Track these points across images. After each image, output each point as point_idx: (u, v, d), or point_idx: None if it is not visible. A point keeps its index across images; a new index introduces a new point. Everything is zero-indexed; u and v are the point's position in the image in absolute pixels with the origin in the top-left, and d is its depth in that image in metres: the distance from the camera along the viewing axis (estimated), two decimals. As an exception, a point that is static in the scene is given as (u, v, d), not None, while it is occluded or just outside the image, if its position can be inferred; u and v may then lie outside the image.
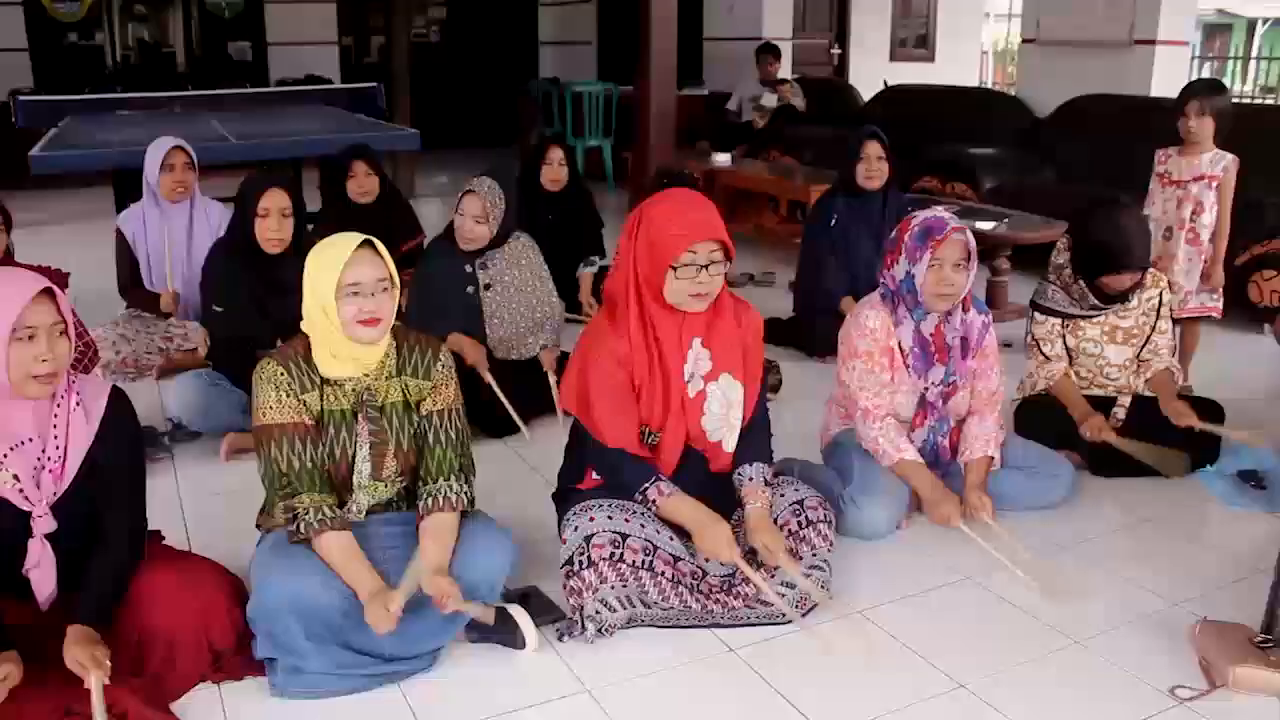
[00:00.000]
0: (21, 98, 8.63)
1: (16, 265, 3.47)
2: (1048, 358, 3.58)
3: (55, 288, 2.25)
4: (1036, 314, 3.61)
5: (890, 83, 9.30)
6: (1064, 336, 3.58)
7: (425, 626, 2.41)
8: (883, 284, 3.14)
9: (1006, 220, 5.56)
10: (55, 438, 2.30)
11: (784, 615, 2.61)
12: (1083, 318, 3.54)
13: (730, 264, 2.62)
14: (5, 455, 2.25)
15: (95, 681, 2.14)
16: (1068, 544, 3.08)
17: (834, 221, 4.77)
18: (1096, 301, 3.48)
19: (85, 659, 2.16)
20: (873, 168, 4.72)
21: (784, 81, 9.27)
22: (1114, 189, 5.59)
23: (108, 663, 2.17)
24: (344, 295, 2.39)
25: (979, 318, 3.18)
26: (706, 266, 2.55)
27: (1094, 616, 2.69)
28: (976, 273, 3.06)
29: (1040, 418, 3.58)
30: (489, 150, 11.62)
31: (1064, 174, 6.89)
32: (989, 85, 12.82)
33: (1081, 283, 3.47)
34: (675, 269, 2.54)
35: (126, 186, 6.74)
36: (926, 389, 3.11)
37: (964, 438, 3.20)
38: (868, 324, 3.09)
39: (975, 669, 2.47)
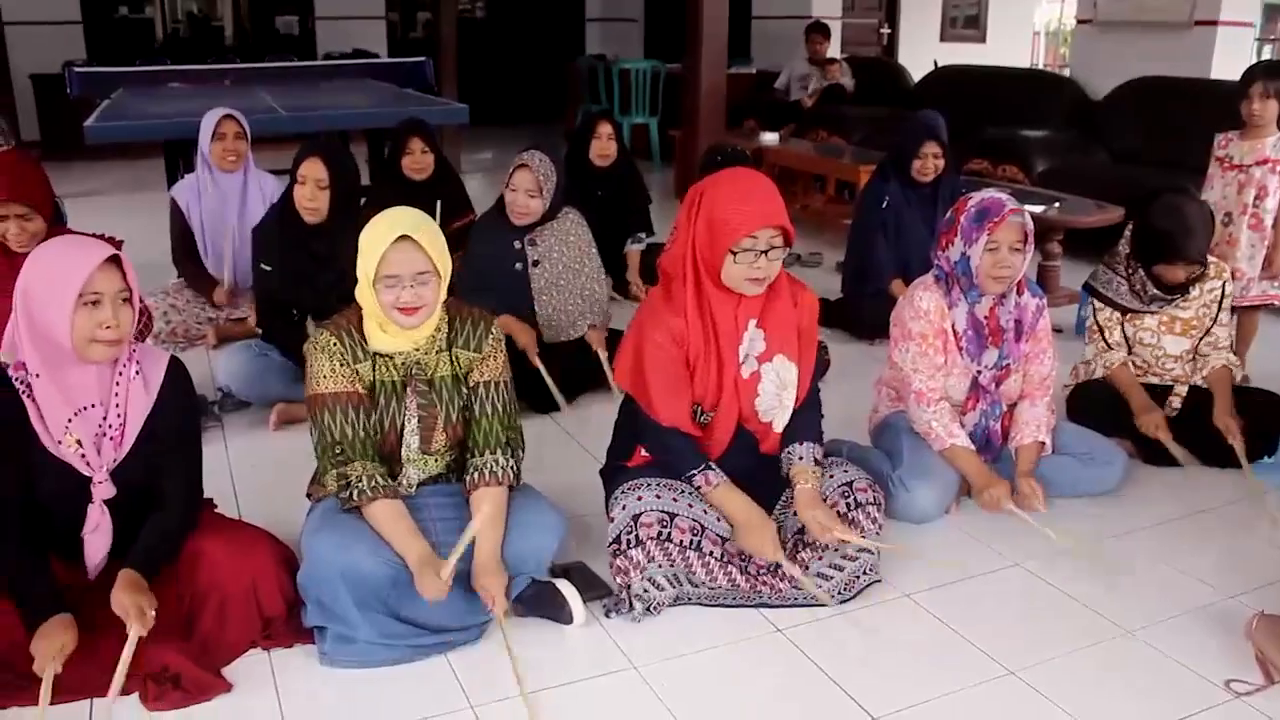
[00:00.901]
0: (75, 69, 8.71)
1: (73, 234, 3.49)
2: (1109, 345, 3.53)
3: (122, 256, 2.28)
4: (1095, 301, 3.55)
5: (940, 63, 9.18)
6: (1122, 325, 3.53)
7: (474, 599, 2.41)
8: (937, 265, 3.10)
9: (1059, 204, 5.48)
10: (116, 405, 2.33)
11: (832, 597, 2.60)
12: (1143, 312, 3.48)
13: (788, 248, 2.59)
14: (70, 420, 2.28)
15: (133, 633, 2.17)
16: (1118, 532, 3.03)
17: (886, 203, 4.71)
18: (1158, 293, 3.42)
19: (130, 607, 2.19)
20: (928, 165, 4.65)
21: (833, 61, 9.18)
22: (1170, 173, 5.51)
23: (151, 613, 2.20)
24: (382, 283, 2.39)
25: (1033, 301, 3.13)
26: (766, 252, 2.52)
27: (1145, 606, 2.65)
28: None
29: (1093, 404, 3.54)
30: (534, 127, 11.61)
31: (1119, 157, 6.78)
32: (1041, 67, 12.61)
33: (1142, 273, 3.41)
34: (734, 254, 2.51)
35: (177, 157, 6.82)
36: (979, 372, 3.08)
37: (1015, 422, 3.16)
38: (921, 305, 3.05)
39: (1024, 656, 2.44)
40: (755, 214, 2.50)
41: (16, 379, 2.28)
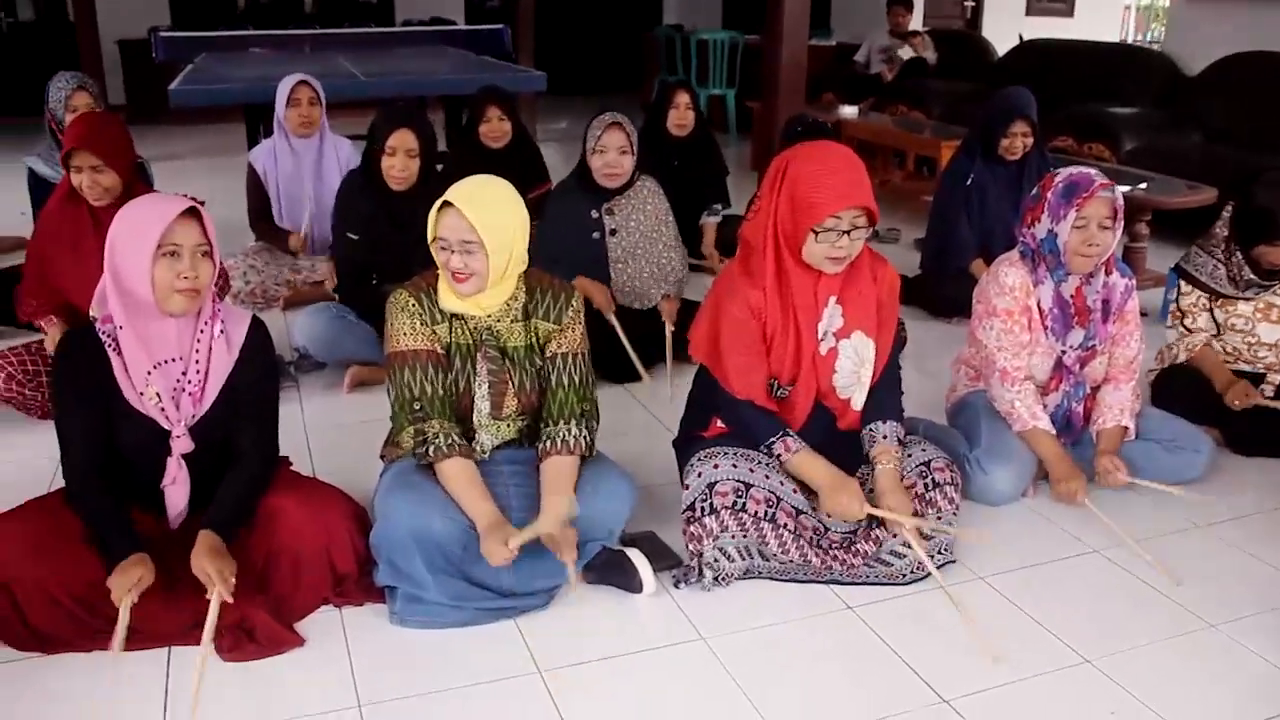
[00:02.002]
0: (161, 34, 8.85)
1: (157, 193, 3.55)
2: (1190, 330, 3.42)
3: (202, 210, 2.31)
4: (1183, 283, 3.45)
5: (1026, 37, 8.96)
6: (1211, 311, 3.41)
7: (543, 564, 2.41)
8: (1022, 242, 3.02)
9: (1147, 183, 5.32)
10: (197, 361, 2.37)
11: (905, 576, 2.57)
12: (1237, 298, 3.37)
13: (872, 228, 2.54)
14: (150, 372, 2.32)
15: (215, 599, 2.21)
16: (1201, 522, 2.94)
17: (970, 180, 4.61)
18: (1255, 278, 3.30)
19: (213, 573, 2.23)
20: (1016, 144, 4.52)
21: (915, 34, 9.02)
22: (1268, 154, 5.32)
23: (232, 580, 2.24)
24: (436, 245, 2.43)
25: (1122, 281, 3.04)
26: (848, 232, 2.47)
27: (1229, 600, 2.57)
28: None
29: (1179, 390, 3.43)
30: (609, 97, 11.54)
31: (1213, 136, 6.55)
32: (1131, 41, 12.27)
33: (1240, 257, 3.29)
34: (816, 233, 2.46)
35: (257, 121, 6.91)
36: (1064, 352, 3.00)
37: (1098, 405, 3.08)
38: (1007, 281, 2.98)
39: (1100, 644, 2.38)
40: (840, 193, 2.44)
41: (103, 332, 2.33)
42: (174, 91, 6.20)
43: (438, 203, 2.42)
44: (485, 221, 2.38)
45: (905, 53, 8.82)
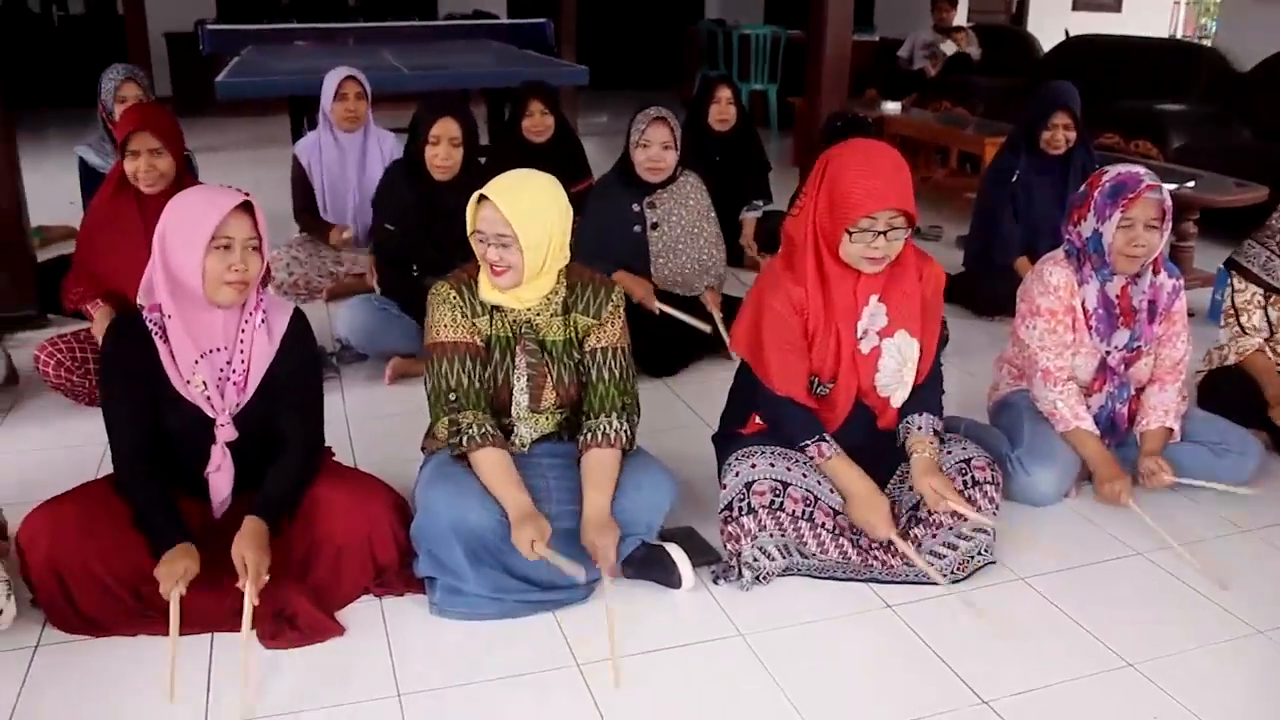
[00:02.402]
0: (207, 27, 8.95)
1: (204, 185, 3.60)
2: (1244, 329, 3.37)
3: (254, 205, 2.34)
4: (1236, 279, 3.39)
5: (1072, 32, 8.85)
6: (1266, 309, 3.36)
7: (583, 558, 2.41)
8: (1068, 241, 2.99)
9: (1195, 181, 5.25)
10: (241, 351, 2.40)
11: (944, 577, 2.55)
12: (1295, 293, 3.31)
13: (912, 230, 2.51)
14: (197, 361, 2.35)
15: (250, 590, 2.23)
16: (1248, 527, 2.90)
17: (1015, 177, 4.56)
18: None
19: (251, 561, 2.25)
20: (1058, 137, 4.47)
21: (959, 29, 8.95)
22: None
23: (266, 576, 2.27)
24: (474, 238, 2.44)
25: (1169, 281, 3.00)
26: (885, 233, 2.45)
27: (1277, 605, 2.53)
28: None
29: (1227, 392, 3.37)
30: (651, 92, 11.51)
31: (1264, 134, 6.43)
32: (1180, 36, 12.10)
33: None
34: (851, 233, 2.45)
35: (301, 114, 6.97)
36: (1108, 353, 2.96)
37: (1143, 406, 3.04)
38: (1051, 280, 2.95)
39: (1144, 649, 2.35)
40: (876, 194, 2.42)
41: (150, 320, 2.36)
42: (221, 84, 6.26)
43: (476, 195, 2.43)
44: (520, 216, 2.38)
45: (948, 48, 8.75)
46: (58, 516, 2.33)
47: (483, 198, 2.41)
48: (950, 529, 2.58)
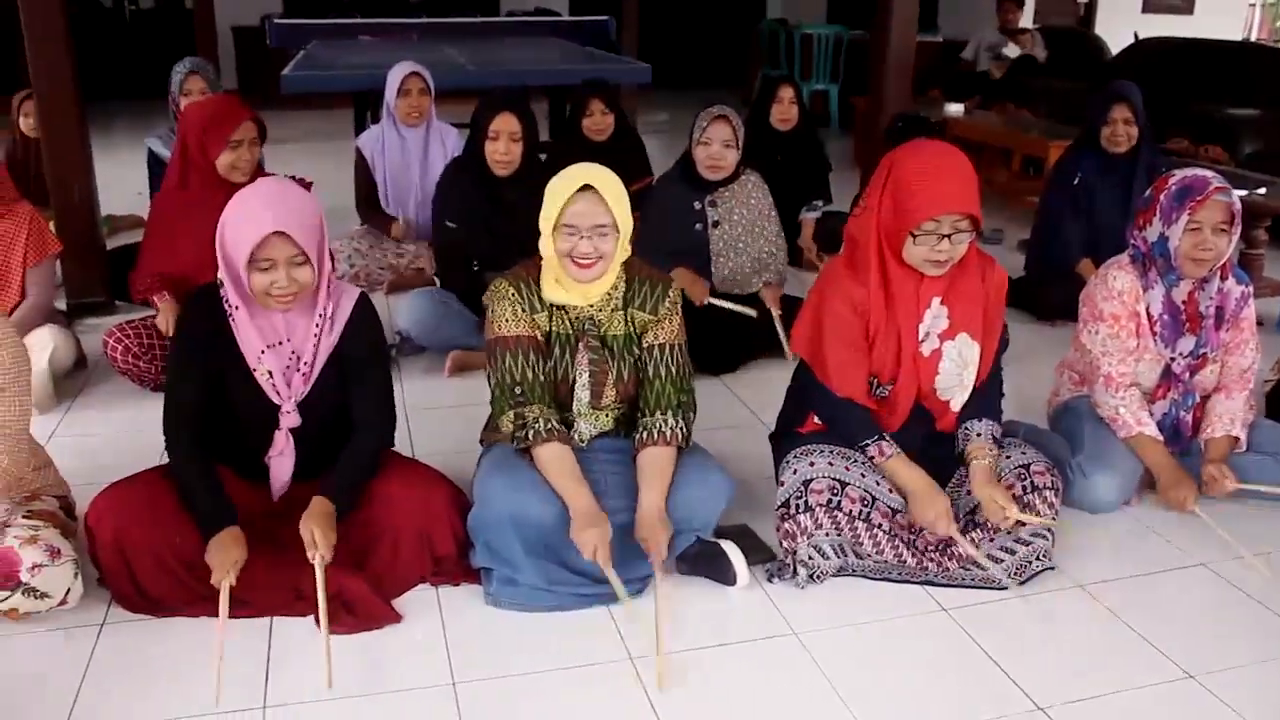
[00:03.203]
0: (275, 21, 9.08)
1: (272, 175, 3.65)
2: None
3: (288, 232, 2.29)
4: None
5: (1141, 35, 8.71)
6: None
7: (638, 553, 2.42)
8: (1133, 245, 2.95)
9: (1266, 188, 5.13)
10: (314, 339, 2.42)
11: (1000, 581, 2.52)
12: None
13: (976, 233, 2.49)
14: (263, 352, 2.39)
15: (319, 563, 2.27)
16: (1316, 540, 2.85)
17: (1078, 179, 4.50)
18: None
19: (319, 536, 2.28)
20: (1119, 132, 4.41)
21: (1025, 31, 8.85)
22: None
23: (330, 555, 2.30)
24: (560, 231, 2.42)
25: (1238, 287, 2.94)
26: (948, 236, 2.43)
27: (1347, 620, 2.49)
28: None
29: (1296, 402, 3.31)
30: (712, 91, 11.49)
31: (1337, 141, 6.30)
32: (1255, 40, 11.84)
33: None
34: (915, 235, 2.43)
35: (365, 109, 7.03)
36: (1173, 359, 2.92)
37: (1208, 414, 2.98)
38: (1115, 285, 2.91)
39: (1206, 660, 2.31)
40: (940, 198, 2.40)
41: (225, 299, 2.39)
42: (286, 78, 6.34)
43: (562, 189, 2.42)
44: (618, 204, 2.41)
45: (1013, 50, 8.64)
46: (124, 499, 2.39)
47: (580, 190, 2.39)
48: (1008, 533, 2.56)
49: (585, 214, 2.39)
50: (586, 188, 2.40)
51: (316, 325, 2.41)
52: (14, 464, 2.37)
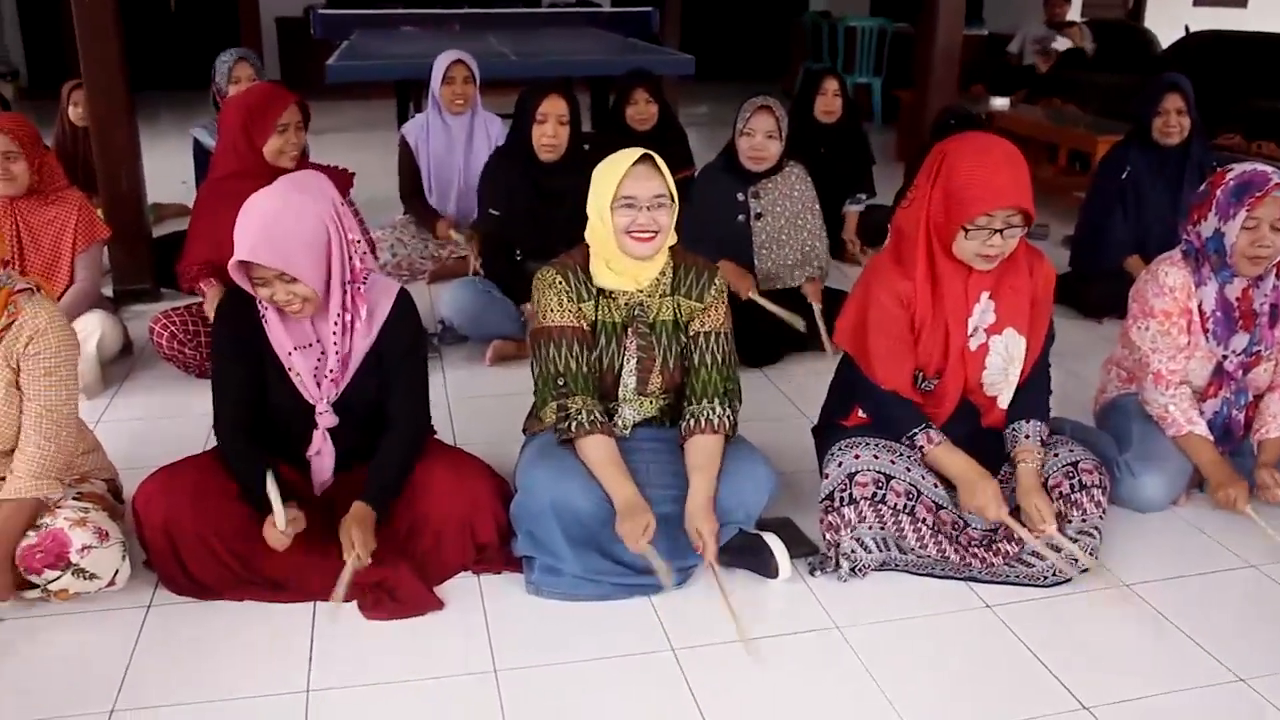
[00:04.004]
0: (319, 11, 9.13)
1: (311, 165, 3.67)
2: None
3: (255, 261, 2.26)
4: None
5: (1193, 29, 8.57)
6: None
7: (684, 544, 2.42)
8: (1186, 240, 2.90)
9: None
10: (336, 348, 2.42)
11: (1047, 578, 2.50)
12: None
13: (1028, 227, 2.45)
14: (290, 354, 2.40)
15: (350, 564, 2.29)
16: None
17: (1126, 174, 4.43)
18: None
19: (358, 541, 2.30)
20: (1171, 123, 4.33)
21: (1072, 24, 8.74)
22: None
23: (369, 559, 2.31)
24: (618, 206, 2.41)
25: (1294, 285, 2.89)
26: (1001, 230, 2.40)
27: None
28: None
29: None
30: (753, 83, 11.45)
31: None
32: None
33: None
34: (967, 230, 2.40)
35: (407, 98, 7.07)
36: (1225, 357, 2.87)
37: (1260, 414, 2.93)
38: (1167, 281, 2.86)
39: (1257, 663, 2.27)
40: (995, 192, 2.37)
41: (259, 299, 2.41)
42: (331, 67, 6.37)
43: (617, 165, 2.42)
44: (670, 177, 2.42)
45: (1060, 44, 8.54)
46: (172, 483, 2.41)
47: (635, 163, 2.41)
48: (1062, 528, 2.52)
49: (644, 186, 2.40)
50: (644, 158, 2.41)
51: (335, 329, 2.41)
52: (62, 448, 2.40)
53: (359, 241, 2.41)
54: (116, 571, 2.37)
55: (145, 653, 2.26)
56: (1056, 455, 2.60)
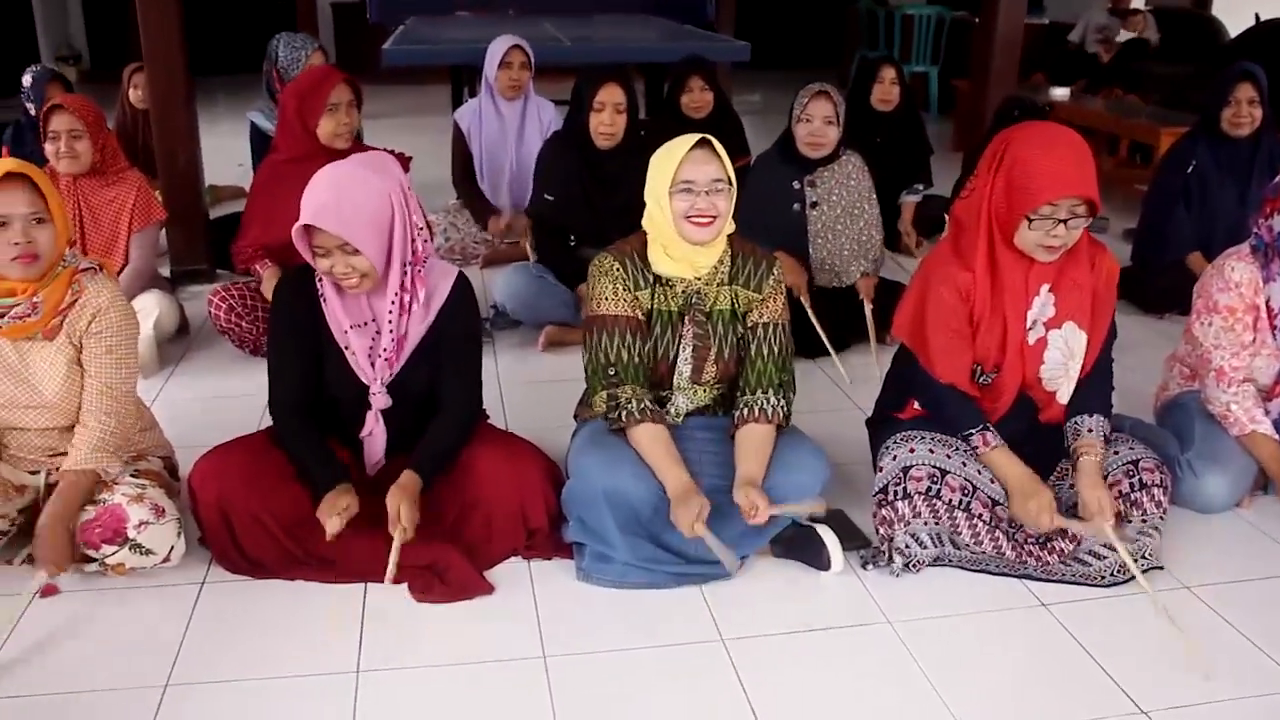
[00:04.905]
0: (374, -4, 9.17)
1: (367, 147, 3.69)
2: None
3: (320, 226, 2.27)
4: None
5: (1263, 16, 8.36)
6: None
7: (733, 534, 2.41)
8: (1256, 235, 2.82)
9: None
10: (390, 328, 2.43)
11: (1104, 577, 2.46)
12: None
13: (1092, 218, 2.40)
14: (346, 332, 2.41)
15: (398, 536, 2.30)
16: None
17: (1192, 167, 4.33)
18: None
19: (405, 515, 2.32)
20: (1242, 113, 4.20)
21: (1136, 12, 8.58)
22: None
23: (411, 531, 2.33)
24: (676, 191, 2.40)
25: (1368, 284, 2.81)
26: (1065, 221, 2.35)
27: None
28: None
29: None
30: (807, 71, 11.36)
31: None
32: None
33: None
34: (1030, 220, 2.36)
35: (462, 84, 7.08)
36: (1293, 356, 2.80)
37: (1328, 415, 2.86)
38: (1233, 276, 2.79)
39: (1324, 671, 2.22)
40: (1060, 180, 2.31)
41: (317, 278, 2.42)
42: (388, 51, 6.39)
43: (676, 149, 2.40)
44: (728, 161, 2.41)
45: (1123, 33, 8.39)
46: (227, 462, 2.44)
47: (696, 145, 2.39)
48: (1120, 525, 2.47)
49: (702, 170, 2.38)
50: (702, 142, 2.40)
51: (391, 308, 2.41)
52: (121, 424, 2.43)
53: (421, 228, 2.42)
54: (172, 548, 2.40)
55: (199, 629, 2.28)
56: (1117, 453, 2.55)
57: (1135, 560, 2.45)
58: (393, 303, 2.40)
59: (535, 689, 2.11)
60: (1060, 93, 7.13)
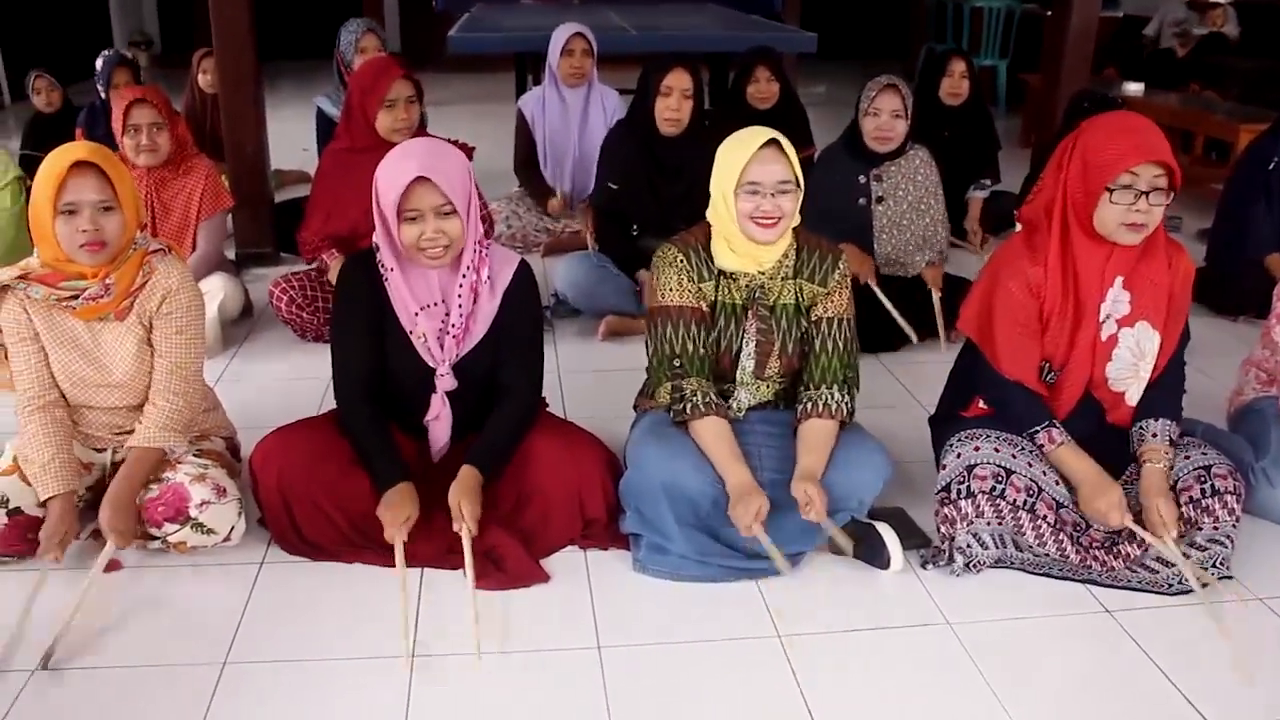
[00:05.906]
0: (441, -18, 9.22)
1: (431, 136, 3.70)
2: None
3: (431, 178, 2.31)
4: None
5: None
6: None
7: (791, 530, 2.38)
8: (1340, 236, 2.74)
9: None
10: (459, 305, 2.43)
11: (1171, 585, 2.39)
12: None
13: (1173, 195, 2.34)
14: (416, 313, 2.42)
15: (466, 535, 2.31)
16: None
17: (1274, 165, 4.21)
18: None
19: (467, 508, 2.32)
20: None
21: (1215, 6, 8.36)
22: None
23: (474, 526, 2.33)
24: (742, 191, 2.37)
25: None
26: (1147, 194, 2.29)
27: None
28: None
29: None
30: (874, 63, 11.24)
31: None
32: None
33: None
34: (1111, 191, 2.30)
35: (525, 71, 7.09)
36: (1377, 362, 2.71)
37: None
38: (1317, 279, 2.71)
39: (1402, 690, 2.14)
40: (1136, 148, 2.28)
41: (380, 263, 2.43)
42: (453, 38, 6.41)
43: (742, 148, 2.38)
44: (795, 161, 2.38)
45: (1201, 28, 8.18)
46: (288, 445, 2.46)
47: (764, 146, 2.36)
48: (1183, 536, 2.41)
49: (769, 171, 2.35)
50: (770, 143, 2.37)
51: (460, 283, 2.42)
52: (189, 404, 2.47)
53: (485, 214, 2.43)
54: (232, 528, 2.43)
55: (257, 608, 2.31)
56: (1188, 458, 2.48)
57: (1206, 568, 2.39)
58: (463, 278, 2.42)
59: (589, 679, 2.10)
60: (1134, 88, 6.97)
